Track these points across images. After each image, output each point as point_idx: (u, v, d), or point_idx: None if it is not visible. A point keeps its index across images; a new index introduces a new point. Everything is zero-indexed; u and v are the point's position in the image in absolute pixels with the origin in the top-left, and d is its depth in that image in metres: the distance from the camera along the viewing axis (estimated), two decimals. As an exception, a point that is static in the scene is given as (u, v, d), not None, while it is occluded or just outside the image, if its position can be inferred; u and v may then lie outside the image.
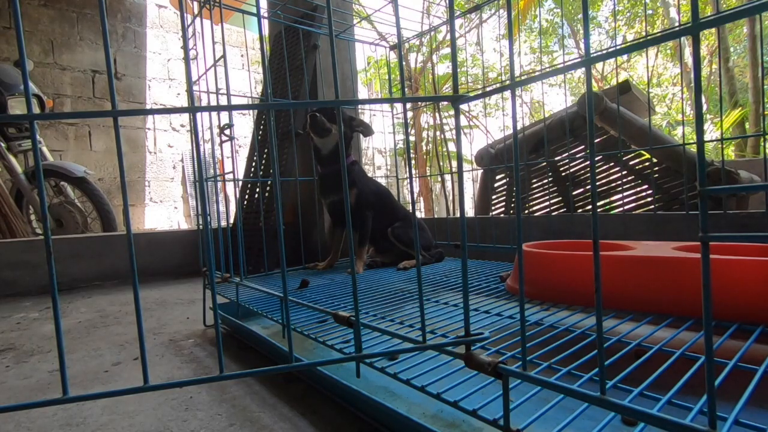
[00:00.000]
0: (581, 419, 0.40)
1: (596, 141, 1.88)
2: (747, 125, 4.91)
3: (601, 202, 1.89)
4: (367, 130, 1.44)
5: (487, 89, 0.72)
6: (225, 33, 0.91)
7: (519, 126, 0.88)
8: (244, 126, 4.64)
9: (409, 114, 3.80)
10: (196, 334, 1.03)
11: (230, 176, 1.04)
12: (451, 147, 4.14)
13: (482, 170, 2.28)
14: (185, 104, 4.44)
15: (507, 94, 0.42)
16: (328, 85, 1.91)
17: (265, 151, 1.92)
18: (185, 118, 4.46)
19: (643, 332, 0.59)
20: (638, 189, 1.79)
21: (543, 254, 0.83)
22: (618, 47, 0.63)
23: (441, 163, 4.02)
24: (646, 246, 0.80)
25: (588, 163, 1.78)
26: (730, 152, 4.62)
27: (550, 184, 2.05)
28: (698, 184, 0.27)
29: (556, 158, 1.98)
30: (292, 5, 1.52)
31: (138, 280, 0.38)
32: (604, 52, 0.42)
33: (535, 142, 2.03)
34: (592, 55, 0.34)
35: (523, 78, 0.46)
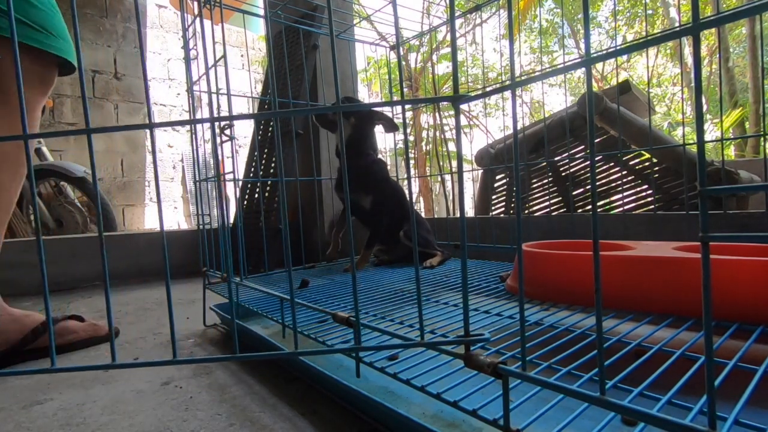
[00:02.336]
0: (581, 419, 0.40)
1: (596, 141, 1.88)
2: (747, 125, 4.91)
3: (601, 202, 1.89)
4: (389, 126, 1.36)
5: (487, 89, 0.72)
6: (225, 33, 0.91)
7: (519, 126, 0.88)
8: (244, 126, 4.64)
9: (409, 114, 3.80)
10: (196, 334, 1.03)
11: (230, 176, 1.03)
12: (451, 147, 4.14)
13: (482, 170, 2.28)
14: (185, 104, 4.44)
15: (507, 94, 0.42)
16: (328, 84, 1.91)
17: (265, 151, 1.92)
18: (185, 117, 4.46)
19: (643, 332, 0.59)
20: (638, 189, 1.79)
21: (543, 254, 0.83)
22: (618, 47, 0.63)
23: (441, 163, 4.02)
24: (646, 246, 0.80)
25: (588, 163, 1.78)
26: (730, 152, 4.63)
27: (550, 184, 2.05)
28: (698, 184, 0.27)
29: (556, 158, 1.98)
30: (292, 5, 1.52)
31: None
32: (604, 52, 0.42)
33: (535, 142, 2.03)
34: (592, 55, 0.34)
35: (523, 78, 0.46)
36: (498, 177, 2.29)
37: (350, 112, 1.31)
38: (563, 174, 2.01)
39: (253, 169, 1.95)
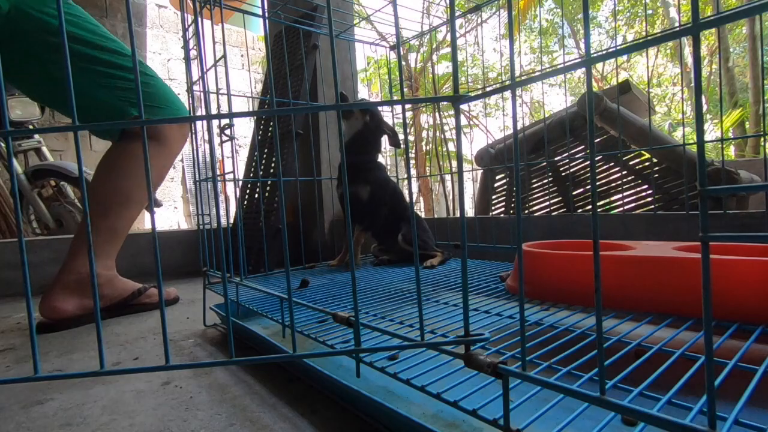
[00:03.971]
0: (581, 419, 0.40)
1: (596, 141, 1.88)
2: (747, 125, 4.91)
3: (601, 202, 1.89)
4: (393, 140, 1.39)
5: (487, 89, 0.72)
6: (225, 33, 0.91)
7: (519, 126, 0.88)
8: (244, 126, 4.64)
9: (409, 114, 3.80)
10: (196, 334, 1.03)
11: (230, 176, 1.03)
12: (451, 147, 4.14)
13: (482, 170, 2.28)
14: (185, 104, 4.44)
15: (507, 94, 0.42)
16: (328, 84, 1.91)
17: (265, 151, 1.92)
18: (185, 118, 4.46)
19: (643, 332, 0.59)
20: (638, 189, 1.79)
21: (543, 254, 0.83)
22: (618, 47, 0.63)
23: (441, 163, 4.02)
24: (646, 246, 0.80)
25: (588, 163, 1.78)
26: (730, 152, 4.63)
27: (550, 184, 2.05)
28: (698, 184, 0.27)
29: (556, 158, 1.98)
30: (292, 5, 1.52)
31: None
32: (604, 52, 0.42)
33: (535, 142, 2.03)
34: (592, 55, 0.34)
35: (523, 78, 0.46)
36: (498, 177, 2.29)
37: (365, 111, 1.36)
38: (563, 174, 2.01)
39: (253, 169, 1.95)
